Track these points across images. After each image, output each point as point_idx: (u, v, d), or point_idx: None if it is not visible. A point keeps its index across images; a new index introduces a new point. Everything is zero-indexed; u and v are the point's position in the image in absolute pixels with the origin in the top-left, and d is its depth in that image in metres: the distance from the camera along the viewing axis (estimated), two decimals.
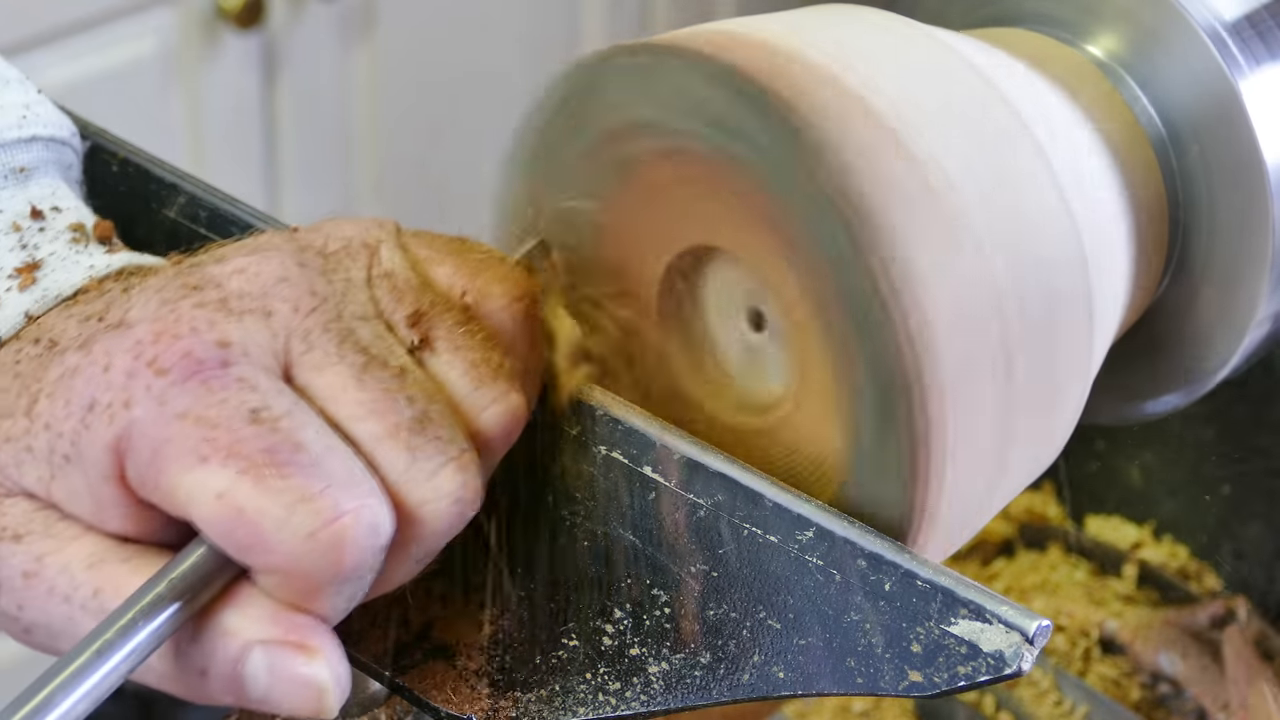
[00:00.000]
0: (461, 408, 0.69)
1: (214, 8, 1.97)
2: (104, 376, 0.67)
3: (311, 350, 0.68)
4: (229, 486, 0.65)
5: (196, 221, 0.82)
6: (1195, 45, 0.81)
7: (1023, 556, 1.19)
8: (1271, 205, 0.80)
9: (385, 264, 0.71)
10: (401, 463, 0.67)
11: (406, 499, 0.67)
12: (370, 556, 0.66)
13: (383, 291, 0.70)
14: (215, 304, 0.68)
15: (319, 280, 0.70)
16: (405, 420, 0.67)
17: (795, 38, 0.72)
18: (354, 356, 0.68)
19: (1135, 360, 0.86)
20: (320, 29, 2.08)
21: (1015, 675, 0.65)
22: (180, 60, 1.97)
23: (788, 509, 0.69)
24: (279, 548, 0.65)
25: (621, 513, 0.72)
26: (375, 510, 0.65)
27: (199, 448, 0.65)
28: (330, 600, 0.66)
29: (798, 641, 0.68)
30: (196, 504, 0.65)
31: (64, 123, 0.81)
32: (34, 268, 0.74)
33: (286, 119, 2.08)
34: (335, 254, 0.71)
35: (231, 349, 0.67)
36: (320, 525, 0.64)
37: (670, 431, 0.71)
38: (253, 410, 0.66)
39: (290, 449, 0.65)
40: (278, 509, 0.64)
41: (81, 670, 0.63)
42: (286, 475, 0.65)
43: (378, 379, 0.68)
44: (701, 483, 0.70)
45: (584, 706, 0.71)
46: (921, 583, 0.66)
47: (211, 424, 0.65)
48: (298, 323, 0.68)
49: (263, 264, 0.70)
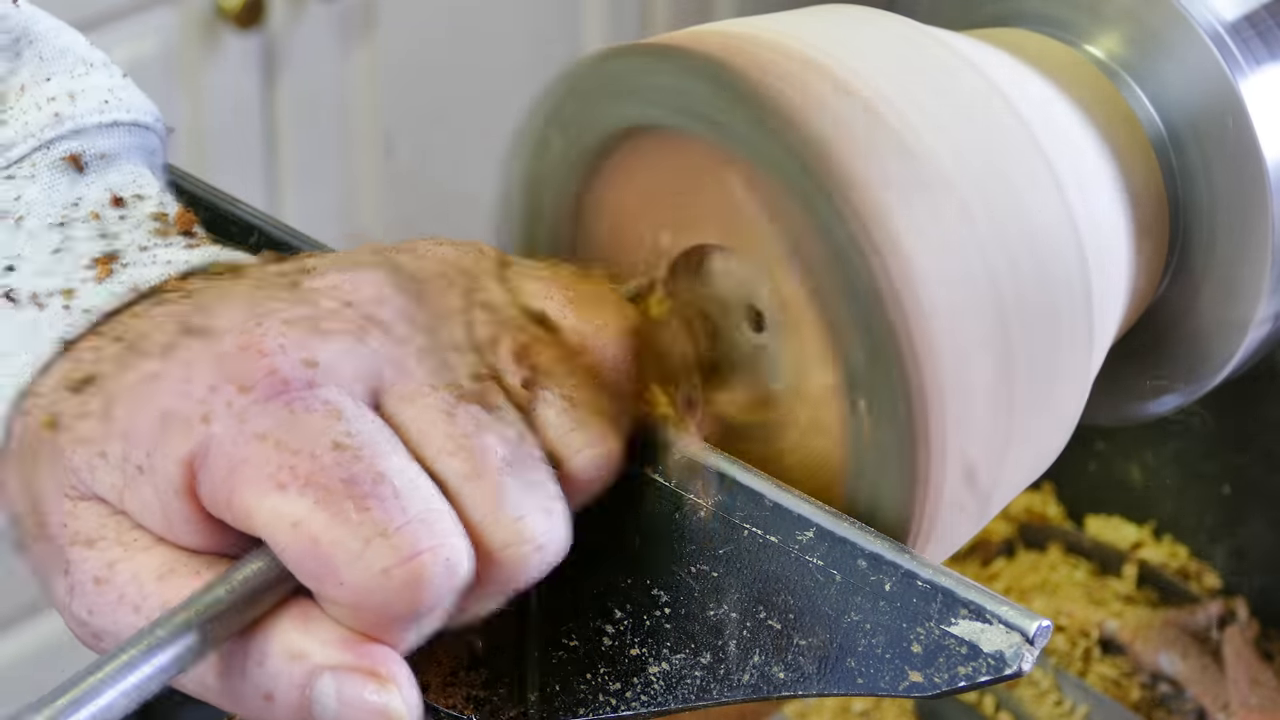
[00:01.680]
0: (555, 448, 0.67)
1: (214, 8, 1.97)
2: (184, 387, 0.65)
3: (403, 379, 0.66)
4: (305, 516, 0.63)
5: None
6: (1195, 45, 0.81)
7: (1023, 556, 1.19)
8: (1271, 205, 0.80)
9: (484, 294, 0.69)
10: (487, 504, 0.65)
11: (489, 541, 0.65)
12: (445, 595, 0.64)
13: (480, 324, 0.68)
14: (306, 321, 0.66)
15: (415, 307, 0.68)
16: (496, 460, 0.65)
17: (794, 38, 0.72)
18: (446, 389, 0.66)
19: (1135, 360, 0.86)
20: (320, 29, 2.08)
21: (1015, 676, 0.65)
22: (180, 60, 1.97)
23: (788, 509, 0.69)
24: (351, 581, 0.63)
25: (622, 513, 0.72)
26: (454, 549, 0.64)
27: (277, 473, 0.63)
28: (401, 634, 0.64)
29: (798, 641, 0.68)
30: (271, 529, 0.63)
31: (148, 107, 0.79)
32: (112, 259, 0.71)
33: (286, 119, 2.08)
34: (433, 279, 0.69)
35: (319, 370, 0.65)
36: (396, 562, 0.63)
37: (670, 431, 0.71)
38: (335, 437, 0.64)
39: (371, 480, 0.63)
40: (354, 542, 0.63)
41: (128, 665, 0.61)
42: (365, 508, 0.63)
43: (469, 414, 0.66)
44: (701, 483, 0.70)
45: (584, 706, 0.71)
46: (921, 583, 0.66)
47: (292, 449, 0.63)
48: (391, 349, 0.66)
49: (359, 283, 0.67)
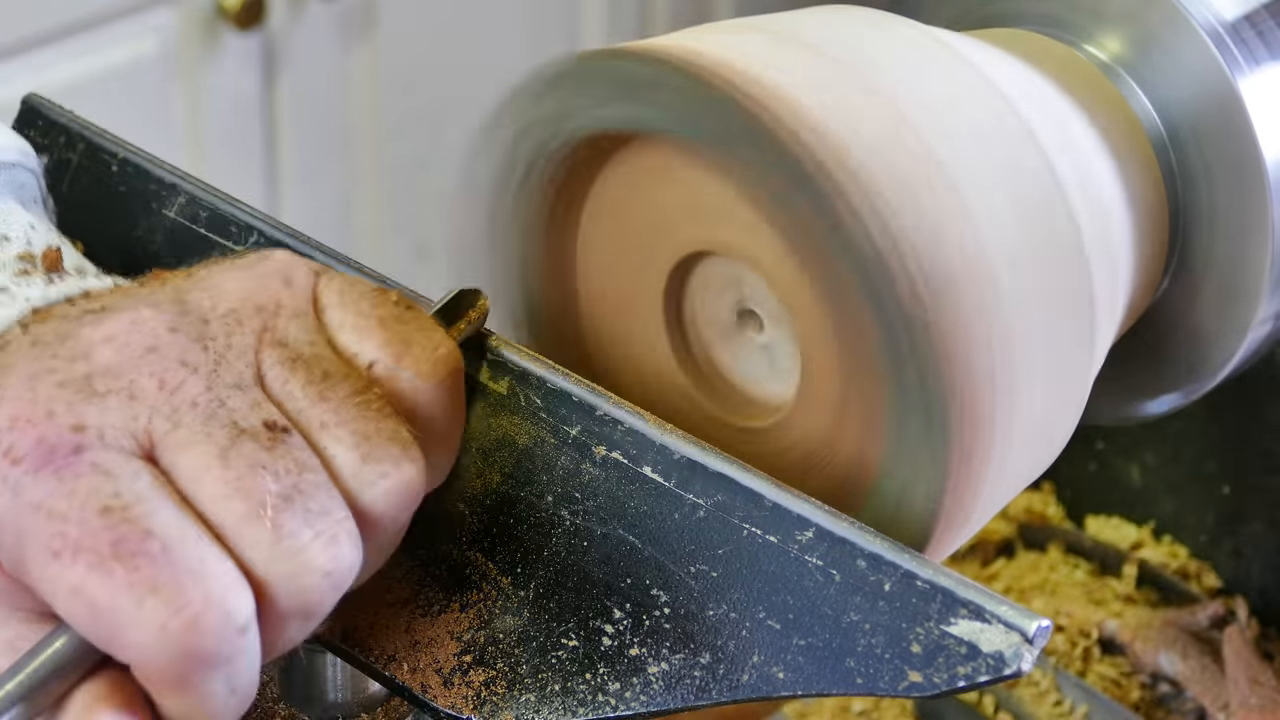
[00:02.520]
0: (346, 484, 0.67)
1: (214, 8, 1.97)
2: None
3: (177, 429, 0.66)
4: (80, 582, 0.63)
5: (196, 221, 0.82)
6: (1195, 45, 0.81)
7: (1023, 556, 1.19)
8: (1271, 205, 0.80)
9: (280, 332, 0.69)
10: (266, 542, 0.65)
11: (274, 578, 0.65)
12: (228, 642, 0.64)
13: (271, 360, 0.68)
14: (78, 382, 0.67)
15: (192, 348, 0.68)
16: (269, 498, 0.65)
17: (795, 38, 0.72)
18: (219, 433, 0.66)
19: (1135, 360, 0.86)
20: (320, 29, 2.08)
21: (1015, 675, 0.65)
22: (180, 60, 1.97)
23: (788, 509, 0.69)
24: (134, 643, 0.63)
25: (621, 513, 0.72)
26: (225, 591, 0.64)
27: (51, 542, 0.64)
28: (202, 690, 0.65)
29: (798, 641, 0.68)
30: (55, 599, 0.64)
31: (12, 143, 0.80)
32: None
33: (286, 119, 2.08)
34: (221, 318, 0.69)
35: (86, 433, 0.65)
36: (169, 615, 0.63)
37: (670, 431, 0.71)
38: (103, 499, 0.64)
39: (139, 538, 0.64)
40: (128, 603, 0.63)
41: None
42: (135, 567, 0.63)
43: (243, 455, 0.66)
44: (701, 483, 0.70)
45: (584, 706, 0.71)
46: (921, 583, 0.66)
47: (62, 516, 0.64)
48: (163, 400, 0.67)
49: (134, 332, 0.68)
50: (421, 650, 0.74)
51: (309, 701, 0.82)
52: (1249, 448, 1.12)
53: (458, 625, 0.74)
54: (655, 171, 0.74)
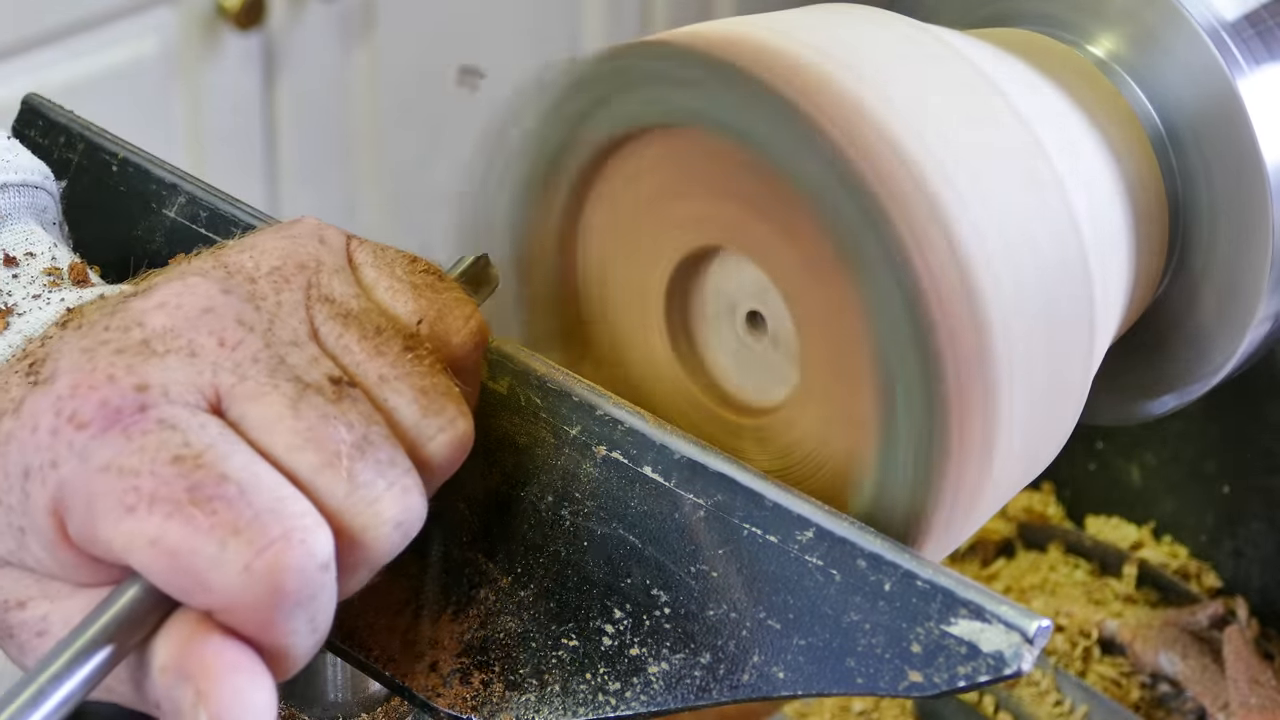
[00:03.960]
0: (409, 435, 0.68)
1: (214, 8, 1.97)
2: (32, 439, 0.66)
3: (244, 381, 0.67)
4: (159, 532, 0.64)
5: (196, 221, 0.82)
6: (1195, 45, 0.81)
7: (1023, 556, 1.19)
8: (1271, 205, 0.80)
9: (325, 288, 0.70)
10: (342, 490, 0.66)
11: (349, 525, 0.66)
12: (312, 579, 0.65)
13: (323, 316, 0.69)
14: (136, 346, 0.67)
15: (246, 308, 0.68)
16: (344, 447, 0.66)
17: (796, 38, 0.72)
18: (287, 385, 0.67)
19: (1135, 360, 0.86)
20: (320, 29, 2.08)
21: (1015, 675, 0.65)
22: (180, 60, 1.97)
23: (788, 509, 0.69)
24: (218, 585, 0.64)
25: (621, 513, 0.72)
26: (307, 530, 0.64)
27: (125, 497, 0.64)
28: (287, 628, 0.65)
29: (798, 641, 0.68)
30: (133, 554, 0.64)
31: (37, 166, 0.81)
32: (7, 314, 0.73)
33: (286, 119, 2.08)
34: (267, 276, 0.70)
35: (150, 391, 0.66)
36: (253, 555, 0.63)
37: (670, 431, 0.71)
38: (173, 450, 0.65)
39: (214, 482, 0.64)
40: (210, 546, 0.64)
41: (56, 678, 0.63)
42: (213, 511, 0.64)
43: (313, 406, 0.66)
44: (701, 483, 0.70)
45: (584, 706, 0.71)
46: (921, 583, 0.66)
47: (133, 472, 0.64)
48: (225, 356, 0.67)
49: (186, 296, 0.68)
50: (422, 650, 0.74)
51: (309, 701, 0.82)
52: (1249, 448, 1.12)
53: (458, 625, 0.74)
54: (665, 163, 0.74)
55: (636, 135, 0.74)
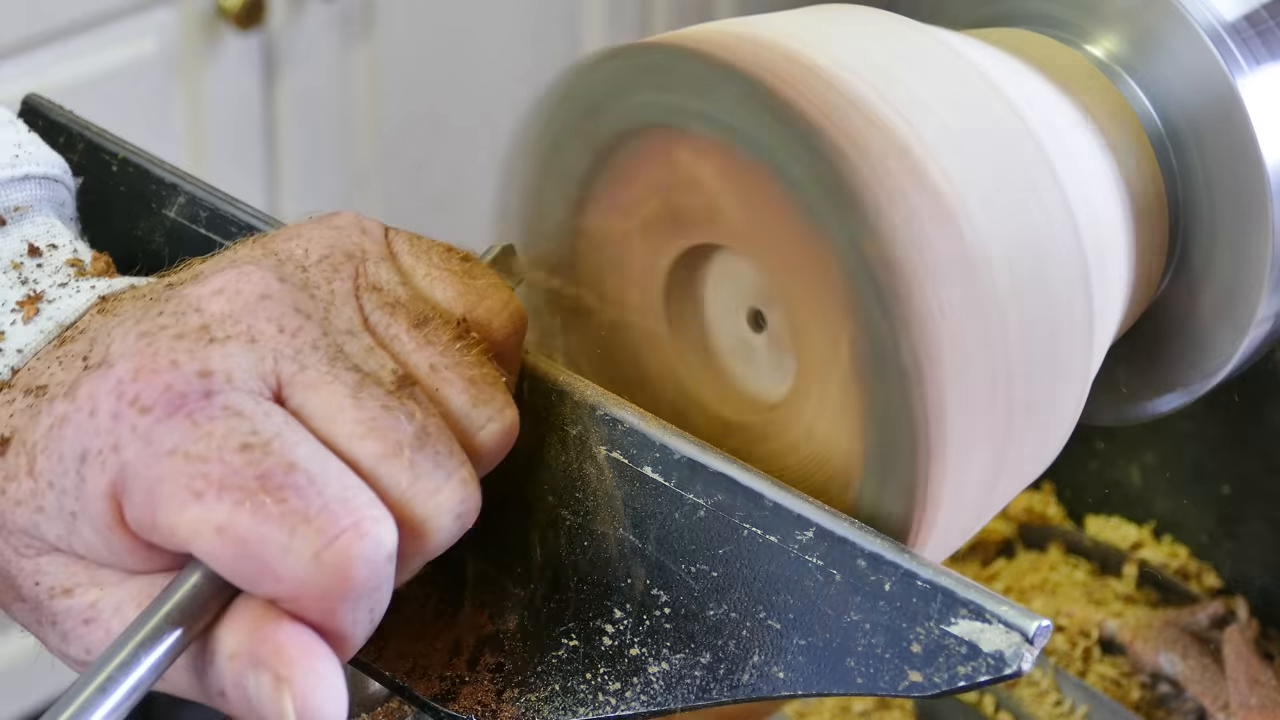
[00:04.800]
0: (459, 425, 0.68)
1: (214, 8, 1.97)
2: (91, 422, 0.66)
3: (304, 370, 0.67)
4: (227, 519, 0.64)
5: (196, 221, 0.82)
6: (1195, 45, 0.81)
7: (1023, 556, 1.19)
8: (1271, 205, 0.80)
9: (372, 277, 0.70)
10: (405, 480, 0.66)
11: (410, 515, 0.66)
12: (379, 569, 0.65)
13: (372, 305, 0.69)
14: (196, 332, 0.67)
15: (302, 296, 0.68)
16: (406, 437, 0.66)
17: (797, 38, 0.72)
18: (347, 375, 0.67)
19: (1135, 360, 0.86)
20: (320, 29, 2.08)
21: (1015, 675, 0.65)
22: (180, 60, 1.97)
23: (788, 509, 0.69)
24: (287, 573, 0.64)
25: (621, 513, 0.72)
26: (376, 521, 0.65)
27: (192, 484, 0.64)
28: (351, 617, 0.65)
29: (798, 641, 0.68)
30: (198, 540, 0.64)
31: (56, 160, 0.80)
32: (36, 300, 0.73)
33: (286, 119, 2.08)
34: (317, 265, 0.70)
35: (214, 378, 0.66)
36: (324, 544, 0.64)
37: (670, 431, 0.71)
38: (241, 438, 0.65)
39: (284, 471, 0.64)
40: (280, 534, 0.64)
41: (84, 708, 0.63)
42: (283, 499, 0.64)
43: (374, 396, 0.67)
44: (701, 483, 0.70)
45: (584, 706, 0.71)
46: (921, 583, 0.66)
47: (201, 458, 0.64)
48: (285, 343, 0.67)
49: (242, 282, 0.68)
50: (421, 650, 0.74)
51: None
52: (1249, 448, 1.12)
53: (458, 625, 0.74)
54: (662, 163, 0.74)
55: (636, 135, 0.74)
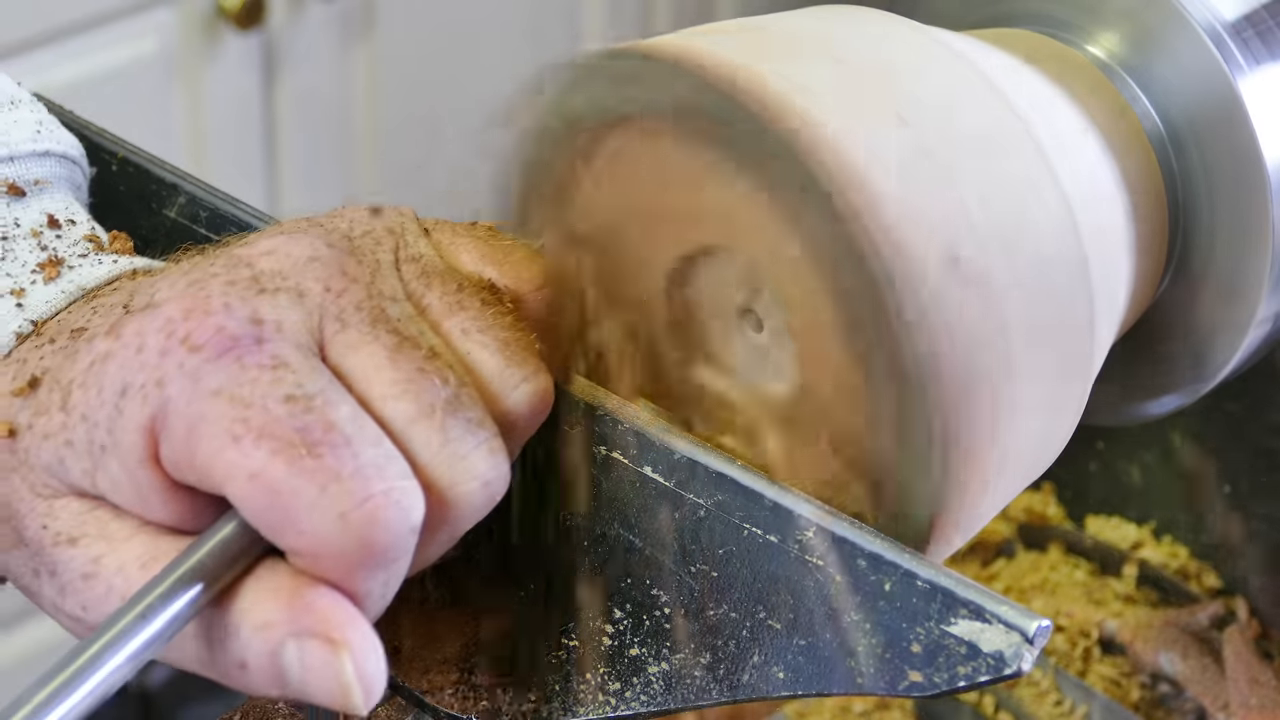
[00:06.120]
0: (491, 387, 0.69)
1: (214, 8, 1.97)
2: (137, 358, 0.66)
3: (345, 329, 0.68)
4: (262, 466, 0.64)
5: (196, 221, 0.82)
6: (1195, 45, 0.81)
7: (1023, 556, 1.19)
8: (1271, 205, 0.80)
9: (412, 249, 0.71)
10: (435, 444, 0.67)
11: (438, 481, 0.67)
12: (402, 539, 0.65)
13: (411, 274, 0.70)
14: (246, 282, 0.68)
15: (349, 260, 0.70)
16: (439, 401, 0.67)
17: (796, 39, 0.72)
18: (387, 337, 0.68)
19: (1135, 360, 0.86)
20: (320, 29, 2.08)
21: (1015, 675, 0.65)
22: (180, 60, 1.97)
23: (788, 509, 0.69)
24: (311, 528, 0.64)
25: (621, 513, 0.72)
26: (406, 491, 0.65)
27: (233, 427, 0.65)
28: (365, 585, 0.65)
29: (798, 641, 0.68)
30: (231, 482, 0.65)
31: (74, 142, 0.81)
32: (58, 264, 0.74)
33: (286, 119, 2.08)
34: (361, 237, 0.71)
35: (265, 326, 0.67)
36: (352, 505, 0.64)
37: (670, 431, 0.71)
38: (287, 389, 0.65)
39: (323, 428, 0.65)
40: (310, 489, 0.64)
41: (103, 651, 0.63)
42: (319, 455, 0.64)
43: (411, 359, 0.67)
44: (701, 483, 0.70)
45: (584, 706, 0.71)
46: (921, 583, 0.66)
47: (245, 402, 0.65)
48: (330, 301, 0.68)
49: (292, 245, 0.69)
50: (421, 650, 0.74)
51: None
52: (1249, 448, 1.12)
53: (457, 625, 0.74)
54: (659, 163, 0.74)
55: (627, 129, 0.74)
